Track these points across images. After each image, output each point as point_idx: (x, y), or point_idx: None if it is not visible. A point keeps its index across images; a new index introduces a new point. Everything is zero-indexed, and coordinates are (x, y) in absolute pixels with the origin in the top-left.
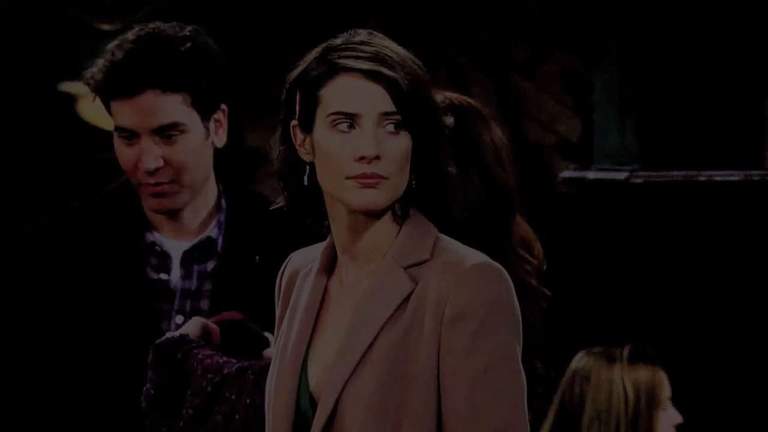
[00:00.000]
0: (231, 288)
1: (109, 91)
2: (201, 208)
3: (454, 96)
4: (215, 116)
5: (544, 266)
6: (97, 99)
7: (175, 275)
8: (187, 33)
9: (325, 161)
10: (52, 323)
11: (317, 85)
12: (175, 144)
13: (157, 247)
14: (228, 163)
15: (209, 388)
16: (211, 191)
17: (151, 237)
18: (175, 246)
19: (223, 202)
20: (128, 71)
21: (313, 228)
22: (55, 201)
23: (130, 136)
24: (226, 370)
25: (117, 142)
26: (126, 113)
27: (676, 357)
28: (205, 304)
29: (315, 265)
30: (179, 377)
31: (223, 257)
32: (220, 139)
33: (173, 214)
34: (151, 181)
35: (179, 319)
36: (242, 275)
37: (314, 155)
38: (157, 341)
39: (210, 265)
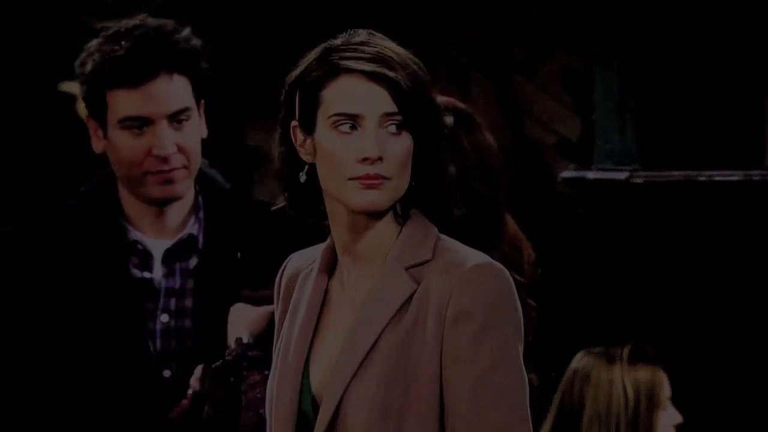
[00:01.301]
0: (214, 285)
1: (117, 80)
2: (183, 205)
3: (443, 100)
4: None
5: (538, 271)
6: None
7: (158, 274)
8: (172, 25)
9: (327, 162)
10: (38, 326)
11: (318, 87)
12: (184, 129)
13: (139, 246)
14: (228, 163)
15: None
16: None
17: (133, 236)
18: (157, 244)
19: (200, 199)
20: (139, 57)
21: (294, 224)
22: (54, 201)
23: (142, 124)
24: (261, 410)
25: (120, 134)
26: (137, 101)
27: (676, 357)
28: (189, 302)
29: (315, 266)
30: (234, 401)
31: (205, 254)
32: (204, 129)
33: (162, 206)
34: (166, 167)
35: (164, 317)
36: (225, 272)
37: (315, 156)
38: (213, 366)
39: (192, 263)
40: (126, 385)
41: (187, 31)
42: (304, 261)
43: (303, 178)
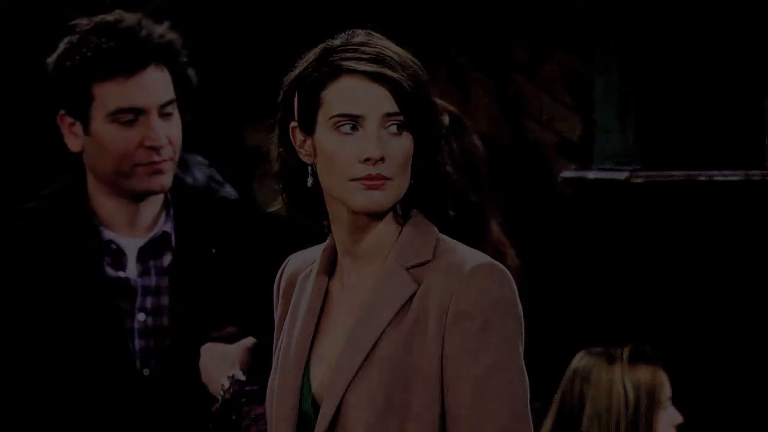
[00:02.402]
0: (189, 282)
1: (109, 72)
2: (156, 202)
3: None
4: None
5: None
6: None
7: (132, 273)
8: (151, 21)
9: (328, 163)
10: (17, 330)
11: (318, 87)
12: (171, 121)
13: (113, 245)
14: (228, 163)
15: None
16: None
17: (106, 235)
18: (130, 243)
19: (169, 196)
20: (131, 48)
21: (268, 220)
22: (18, 204)
23: (134, 116)
24: None
25: (110, 128)
26: (129, 92)
27: (676, 357)
28: (165, 300)
29: (315, 266)
30: None
31: (178, 252)
32: None
33: (144, 199)
34: (157, 159)
35: (141, 316)
36: (199, 268)
37: (315, 156)
38: (212, 408)
39: (166, 260)
40: (106, 384)
41: (165, 26)
42: (304, 261)
43: (310, 182)
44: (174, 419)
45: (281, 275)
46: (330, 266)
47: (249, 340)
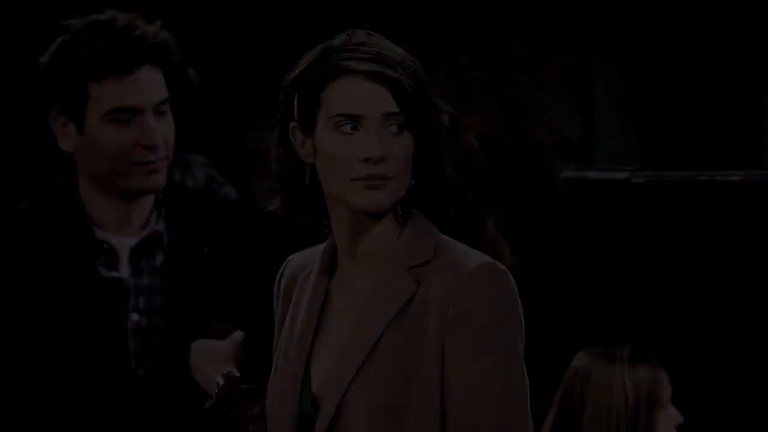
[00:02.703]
0: (182, 281)
1: (106, 71)
2: (148, 201)
3: None
4: None
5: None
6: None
7: (125, 272)
8: (143, 20)
9: (328, 163)
10: (10, 331)
11: (318, 87)
12: (165, 120)
13: (106, 245)
14: (228, 163)
15: None
16: None
17: (99, 235)
18: (122, 243)
19: (160, 195)
20: (127, 47)
21: (260, 218)
22: (11, 204)
23: (130, 115)
24: None
25: (106, 127)
26: (126, 91)
27: (676, 357)
28: (158, 300)
29: (315, 266)
30: None
31: (170, 251)
32: None
33: (139, 197)
34: (153, 158)
35: (135, 316)
36: (192, 268)
37: (316, 157)
38: (206, 406)
39: (158, 260)
40: (101, 385)
41: (158, 25)
42: (304, 262)
43: (308, 180)
44: (170, 419)
45: (281, 276)
46: (330, 266)
47: (239, 335)
